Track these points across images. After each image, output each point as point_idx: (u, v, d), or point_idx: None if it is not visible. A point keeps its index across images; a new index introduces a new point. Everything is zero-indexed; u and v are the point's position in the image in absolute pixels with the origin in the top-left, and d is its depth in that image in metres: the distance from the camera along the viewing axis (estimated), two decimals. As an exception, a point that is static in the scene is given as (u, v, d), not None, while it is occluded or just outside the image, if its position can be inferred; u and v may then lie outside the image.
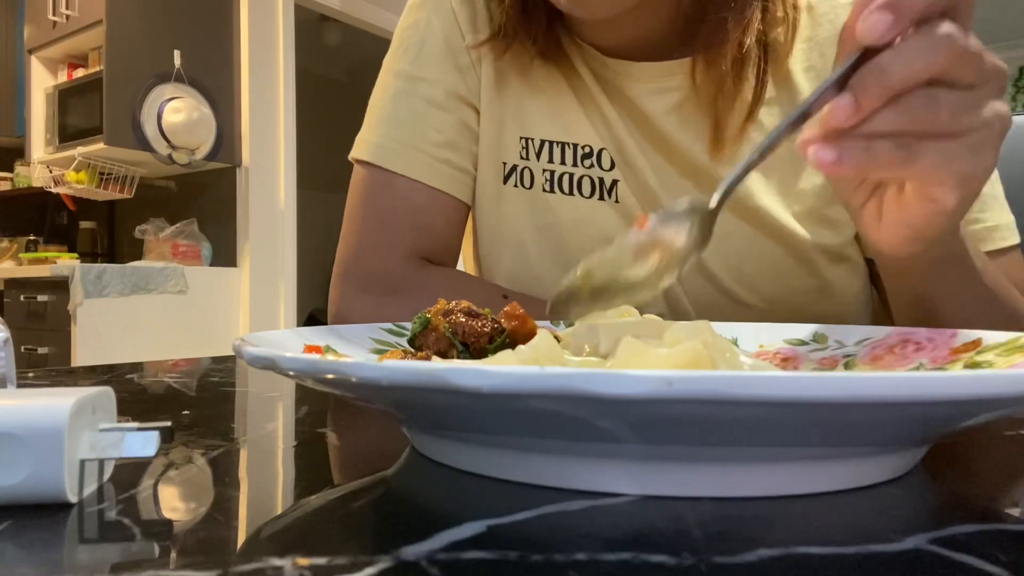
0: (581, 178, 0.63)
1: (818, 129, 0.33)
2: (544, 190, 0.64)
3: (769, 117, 0.60)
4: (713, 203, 0.34)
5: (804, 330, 0.42)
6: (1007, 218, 0.61)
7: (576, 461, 0.23)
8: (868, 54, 0.32)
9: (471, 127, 0.66)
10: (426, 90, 0.65)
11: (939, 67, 0.32)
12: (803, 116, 0.33)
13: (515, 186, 0.65)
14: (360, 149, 0.66)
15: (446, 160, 0.64)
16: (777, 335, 0.42)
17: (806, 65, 0.61)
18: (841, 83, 0.32)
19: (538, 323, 0.44)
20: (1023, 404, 0.21)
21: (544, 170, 0.64)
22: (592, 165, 0.63)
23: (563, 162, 0.63)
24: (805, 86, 0.61)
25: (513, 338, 0.35)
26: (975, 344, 0.34)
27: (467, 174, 0.66)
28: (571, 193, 0.63)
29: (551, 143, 0.64)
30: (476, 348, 0.35)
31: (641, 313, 0.38)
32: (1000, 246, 0.60)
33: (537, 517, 0.21)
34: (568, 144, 0.63)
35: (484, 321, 0.35)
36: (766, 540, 0.19)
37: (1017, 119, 0.83)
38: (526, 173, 0.64)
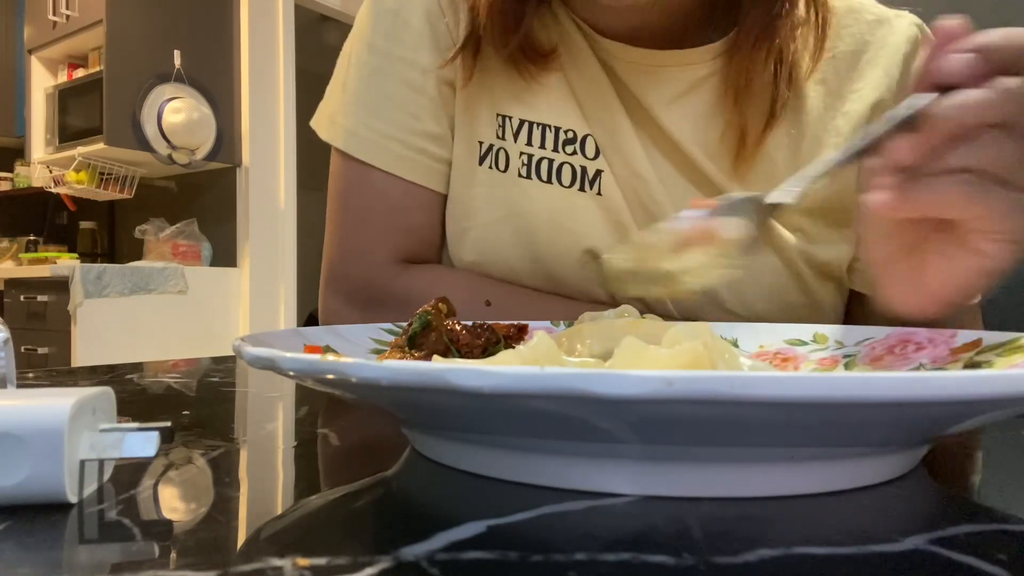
0: (561, 165, 0.58)
1: (879, 170, 0.34)
2: (520, 175, 0.59)
3: (774, 128, 0.58)
4: (769, 199, 0.35)
5: (804, 330, 0.42)
6: None
7: (576, 461, 0.23)
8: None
9: (450, 110, 0.62)
10: (402, 70, 0.61)
11: (1006, 111, 0.32)
12: (867, 148, 0.34)
13: (489, 168, 0.60)
14: (333, 134, 0.63)
15: (423, 150, 0.61)
16: (777, 335, 0.42)
17: (819, 77, 0.59)
18: (907, 125, 0.33)
19: (535, 324, 0.44)
20: (1023, 404, 0.21)
21: (521, 153, 0.59)
22: (575, 152, 0.58)
23: (543, 146, 0.58)
24: (814, 100, 0.59)
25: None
26: (975, 344, 0.34)
27: (445, 164, 0.62)
28: (549, 181, 0.58)
29: (531, 124, 0.59)
30: (471, 358, 0.35)
31: (641, 314, 0.38)
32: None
33: (537, 517, 0.21)
34: (549, 127, 0.58)
35: (478, 333, 0.35)
36: (766, 540, 0.19)
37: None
38: (501, 155, 0.59)
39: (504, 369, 0.19)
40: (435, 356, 0.34)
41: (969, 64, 0.32)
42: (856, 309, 0.65)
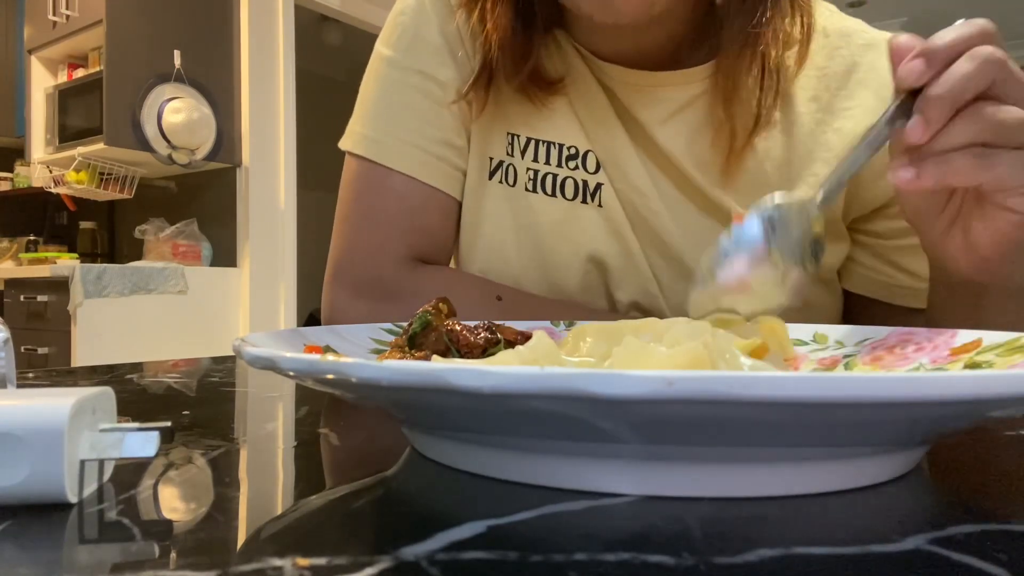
0: (564, 179, 0.62)
1: (898, 155, 0.40)
2: (527, 189, 0.62)
3: (765, 141, 0.59)
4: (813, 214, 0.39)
5: (804, 330, 0.42)
6: None
7: (576, 461, 0.23)
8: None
9: (467, 124, 0.64)
10: (421, 83, 0.63)
11: (988, 76, 0.37)
12: (874, 148, 0.39)
13: (500, 182, 0.63)
14: (354, 142, 0.65)
15: (442, 157, 0.63)
16: (777, 335, 0.42)
17: (811, 94, 0.60)
18: (903, 115, 0.38)
19: (535, 324, 0.44)
20: (1023, 404, 0.21)
21: (528, 169, 0.62)
22: (577, 167, 0.62)
23: (547, 162, 0.62)
24: (806, 116, 0.60)
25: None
26: (975, 344, 0.34)
27: (462, 173, 0.65)
28: (553, 194, 0.62)
29: (537, 141, 0.62)
30: (471, 358, 0.35)
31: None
32: None
33: (537, 517, 0.21)
34: (554, 144, 0.62)
35: (478, 333, 0.35)
36: (766, 540, 0.19)
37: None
38: (511, 170, 0.63)
39: (504, 369, 0.19)
40: (435, 356, 0.34)
41: (917, 67, 0.38)
42: (854, 312, 0.66)
